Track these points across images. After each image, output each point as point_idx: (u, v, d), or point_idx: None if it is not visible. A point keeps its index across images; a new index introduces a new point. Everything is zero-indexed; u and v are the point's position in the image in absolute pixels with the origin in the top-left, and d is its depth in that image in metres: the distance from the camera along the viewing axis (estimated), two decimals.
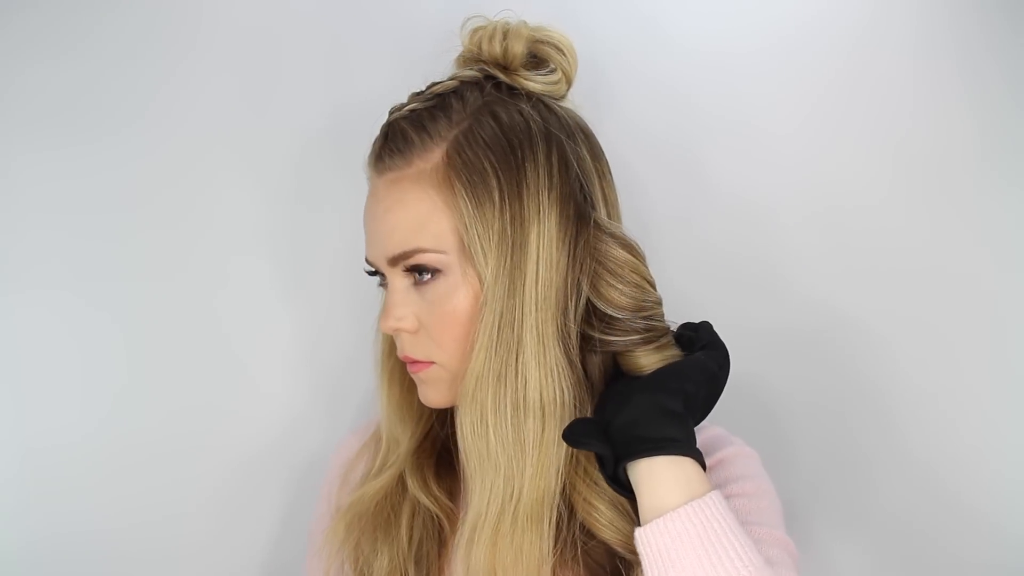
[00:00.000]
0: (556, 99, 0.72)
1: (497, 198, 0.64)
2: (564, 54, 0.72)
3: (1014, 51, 0.87)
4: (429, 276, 0.67)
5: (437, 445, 0.76)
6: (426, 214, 0.66)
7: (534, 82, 0.70)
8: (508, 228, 0.64)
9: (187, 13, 0.93)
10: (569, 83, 0.73)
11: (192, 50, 0.93)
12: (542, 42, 0.71)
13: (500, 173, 0.64)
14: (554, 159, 0.66)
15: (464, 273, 0.66)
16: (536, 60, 0.72)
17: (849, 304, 0.91)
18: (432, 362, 0.69)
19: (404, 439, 0.75)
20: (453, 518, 0.73)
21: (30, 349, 0.93)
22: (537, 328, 0.64)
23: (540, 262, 0.64)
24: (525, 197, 0.64)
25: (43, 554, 0.94)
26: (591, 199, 0.68)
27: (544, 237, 0.64)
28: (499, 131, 0.66)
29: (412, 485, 0.74)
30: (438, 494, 0.73)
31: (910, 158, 0.89)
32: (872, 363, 0.91)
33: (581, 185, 0.67)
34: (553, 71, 0.71)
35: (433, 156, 0.66)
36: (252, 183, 0.95)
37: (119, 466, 0.95)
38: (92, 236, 0.93)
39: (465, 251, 0.65)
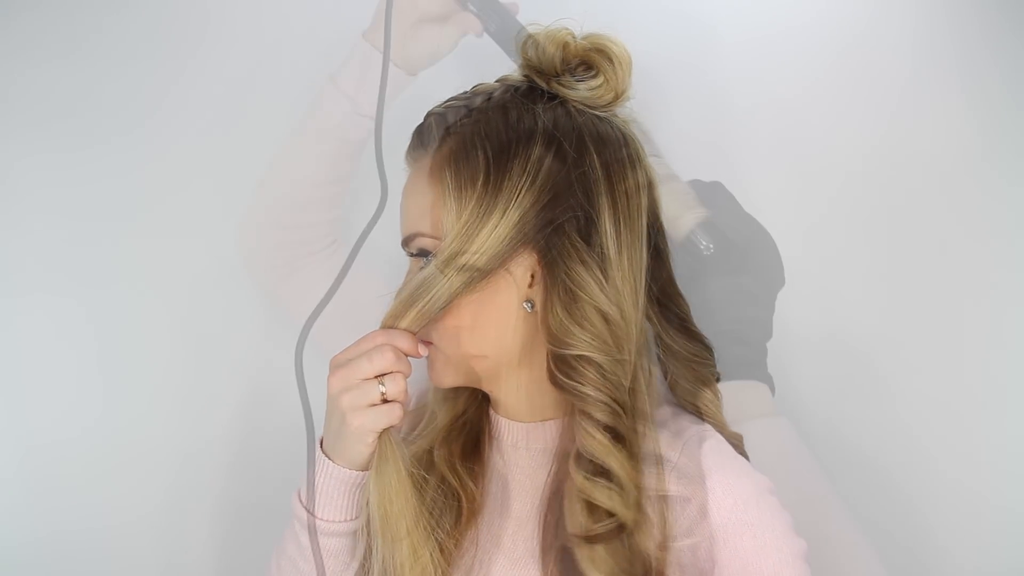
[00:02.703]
0: (599, 107, 0.72)
1: (480, 185, 0.65)
2: (612, 62, 0.71)
3: (1014, 51, 0.87)
4: (427, 260, 0.70)
5: (467, 427, 0.78)
6: (430, 202, 0.69)
7: (574, 89, 0.71)
8: (475, 212, 0.65)
9: (192, 14, 0.93)
10: (616, 92, 0.72)
11: (198, 52, 0.93)
12: (591, 49, 0.72)
13: (491, 165, 0.66)
14: (546, 161, 0.66)
15: None
16: (586, 67, 0.72)
17: (846, 303, 0.91)
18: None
19: (440, 413, 0.78)
20: (472, 499, 0.74)
21: (29, 352, 0.94)
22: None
23: (483, 246, 0.64)
24: (505, 188, 0.65)
25: (43, 552, 0.95)
26: (587, 210, 0.67)
27: (499, 228, 0.65)
28: (502, 128, 0.68)
29: (439, 458, 0.76)
30: (461, 472, 0.75)
31: (907, 158, 0.89)
32: (870, 362, 0.91)
33: (575, 193, 0.67)
34: (595, 77, 0.71)
35: (444, 149, 0.69)
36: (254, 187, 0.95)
37: (119, 465, 0.95)
38: (93, 240, 0.94)
39: None
